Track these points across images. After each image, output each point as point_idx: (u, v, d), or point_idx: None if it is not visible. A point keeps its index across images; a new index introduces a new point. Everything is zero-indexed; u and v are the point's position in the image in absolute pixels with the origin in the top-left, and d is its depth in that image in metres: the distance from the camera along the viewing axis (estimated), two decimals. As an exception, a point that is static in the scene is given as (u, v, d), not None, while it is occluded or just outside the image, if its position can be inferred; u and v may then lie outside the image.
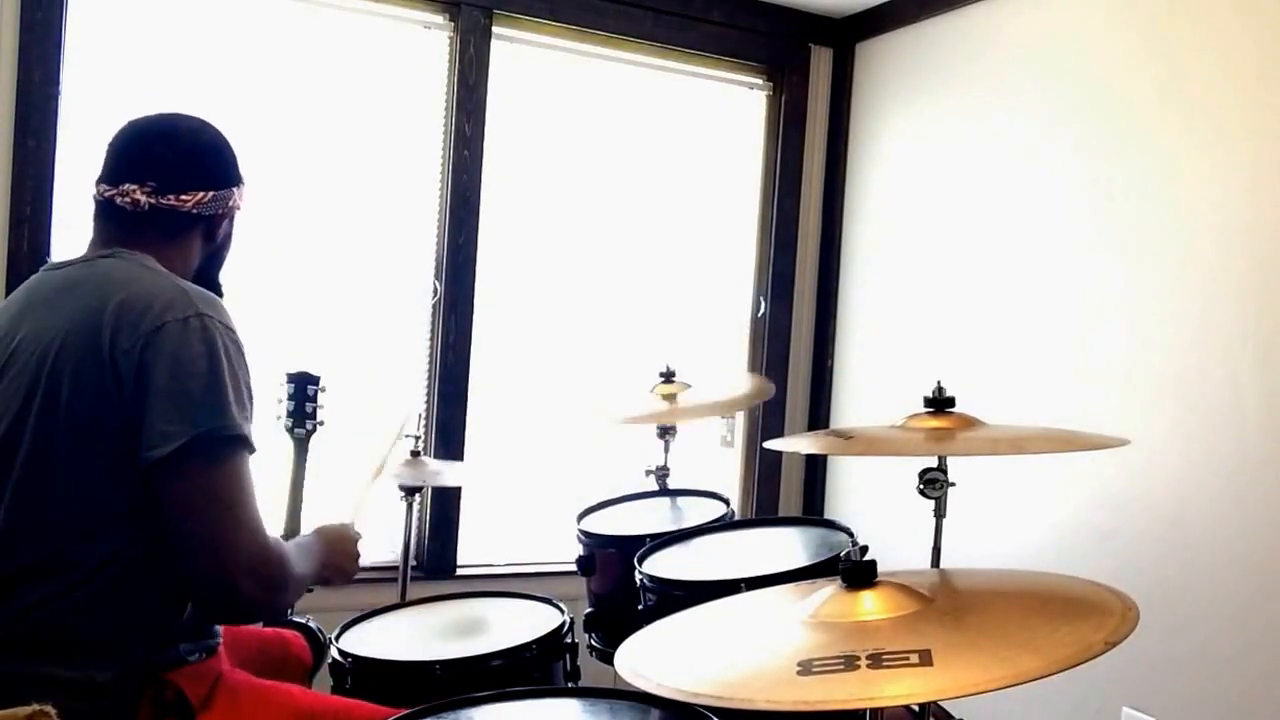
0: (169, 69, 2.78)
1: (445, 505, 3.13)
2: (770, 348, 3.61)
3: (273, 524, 2.01)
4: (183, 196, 1.58)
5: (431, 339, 3.14)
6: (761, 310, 3.62)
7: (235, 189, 1.66)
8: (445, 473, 2.77)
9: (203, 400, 1.39)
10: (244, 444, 1.42)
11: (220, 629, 1.60)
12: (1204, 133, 2.43)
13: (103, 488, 1.40)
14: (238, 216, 1.71)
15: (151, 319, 1.41)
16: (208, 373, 1.41)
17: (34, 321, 1.48)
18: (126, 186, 1.56)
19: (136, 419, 1.38)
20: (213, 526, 1.38)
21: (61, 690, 1.36)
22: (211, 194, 1.61)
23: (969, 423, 1.69)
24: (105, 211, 1.59)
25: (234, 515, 1.39)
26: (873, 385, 3.47)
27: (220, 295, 1.68)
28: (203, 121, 1.67)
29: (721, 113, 3.58)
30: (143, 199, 1.55)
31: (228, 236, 1.71)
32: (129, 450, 1.38)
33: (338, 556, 1.76)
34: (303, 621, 2.05)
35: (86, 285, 1.48)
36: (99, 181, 1.59)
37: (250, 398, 1.48)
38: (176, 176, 1.58)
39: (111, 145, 1.61)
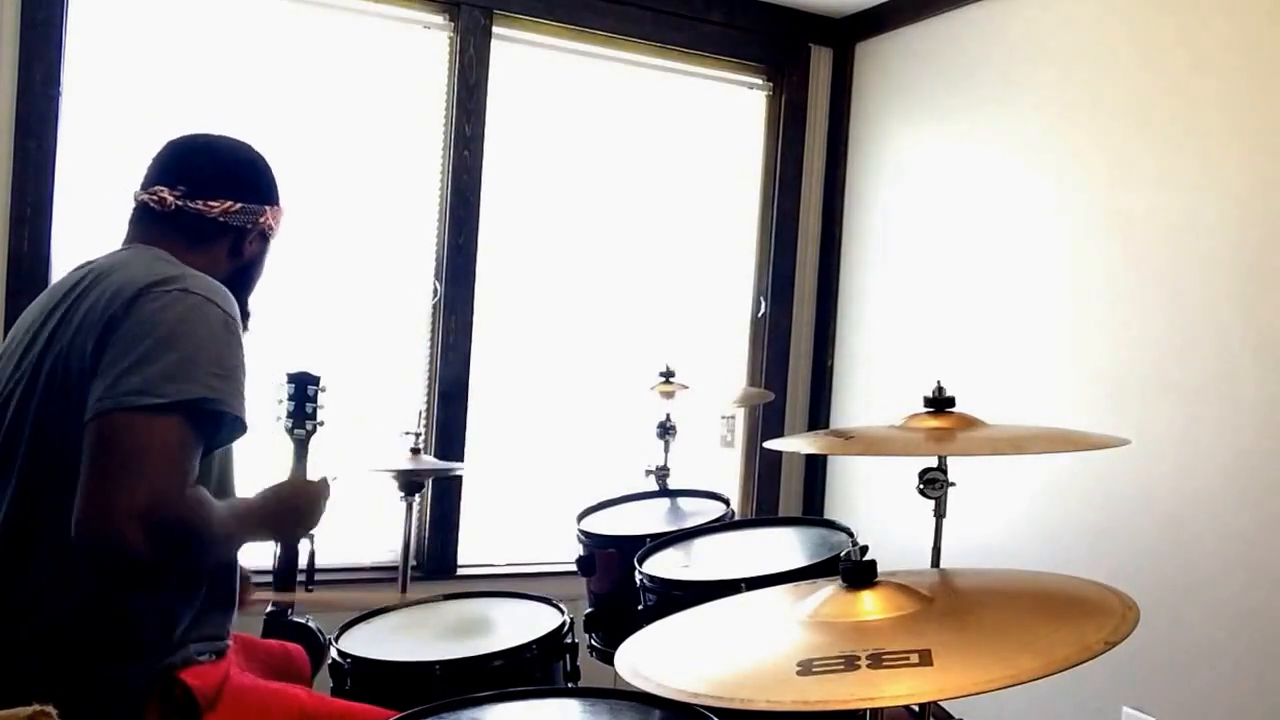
0: (170, 69, 2.78)
1: (445, 505, 3.13)
2: (770, 348, 3.61)
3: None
4: (210, 203, 1.60)
5: (431, 339, 3.14)
6: (761, 310, 3.62)
7: (268, 208, 1.67)
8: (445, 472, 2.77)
9: (143, 360, 1.36)
10: (177, 409, 1.36)
11: (229, 631, 1.60)
12: (1203, 132, 2.43)
13: None
14: (271, 242, 1.72)
15: (138, 287, 1.43)
16: (169, 336, 1.39)
17: (50, 316, 1.50)
18: (157, 188, 1.59)
19: (102, 370, 1.37)
20: (105, 477, 1.32)
21: (73, 687, 1.36)
22: (240, 205, 1.63)
23: (969, 423, 1.69)
24: (136, 215, 1.63)
25: (135, 469, 1.32)
26: (873, 385, 3.47)
27: (248, 321, 1.68)
28: (244, 142, 1.71)
29: (721, 113, 3.58)
30: (170, 199, 1.58)
31: (258, 258, 1.71)
32: None
33: (290, 509, 1.69)
34: (303, 622, 2.05)
35: (99, 276, 1.50)
36: (136, 190, 1.63)
37: (226, 374, 1.42)
38: (207, 183, 1.60)
39: (154, 157, 1.65)
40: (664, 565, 2.11)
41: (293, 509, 1.70)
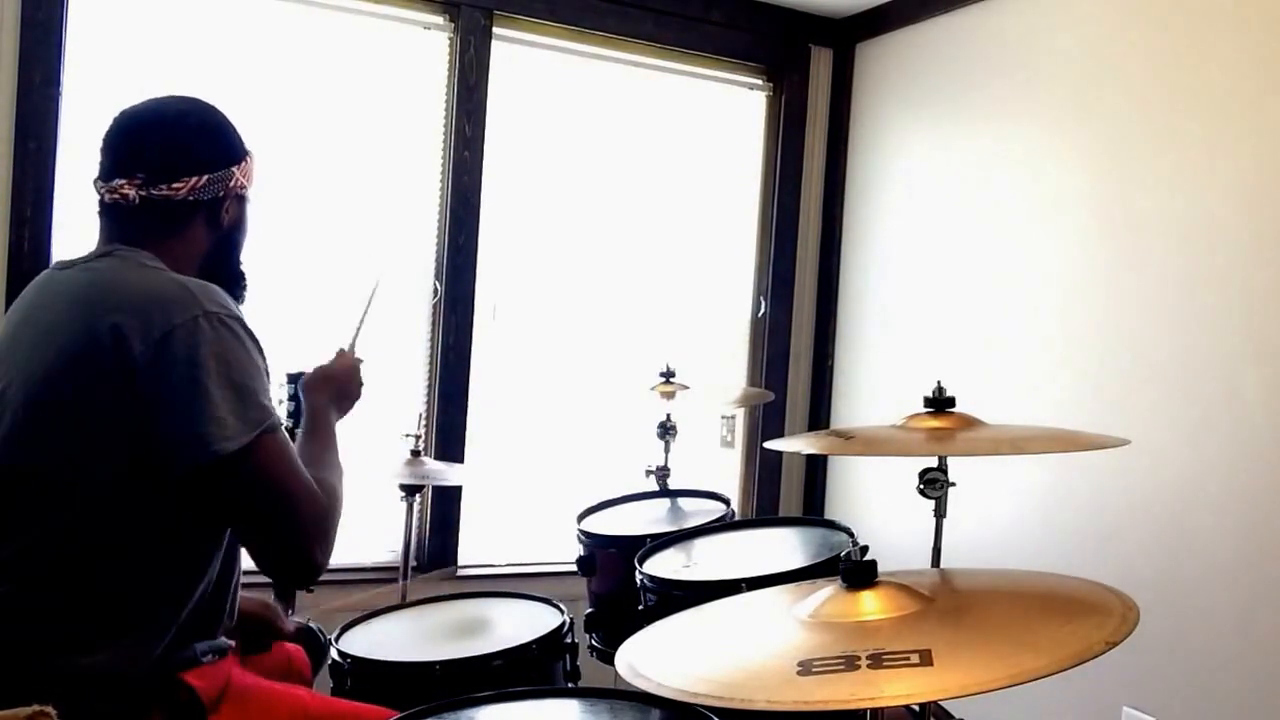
0: (169, 70, 2.78)
1: (445, 505, 3.13)
2: (770, 348, 3.61)
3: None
4: (174, 185, 1.52)
5: (432, 339, 3.14)
6: (761, 310, 3.62)
7: (235, 167, 1.58)
8: (445, 473, 2.77)
9: (226, 399, 1.38)
10: (275, 427, 1.43)
11: (229, 629, 1.61)
12: (1205, 133, 2.43)
13: (114, 487, 1.39)
14: (248, 196, 1.64)
15: (160, 324, 1.38)
16: (223, 371, 1.39)
17: (35, 327, 1.48)
18: (117, 183, 1.52)
19: (156, 424, 1.36)
20: (279, 514, 1.42)
21: (73, 687, 1.36)
22: (206, 178, 1.54)
23: (969, 423, 1.69)
24: (105, 210, 1.56)
25: (291, 493, 1.43)
26: (873, 385, 3.47)
27: (243, 283, 1.66)
28: (193, 101, 1.61)
29: (721, 113, 3.58)
30: (132, 193, 1.50)
31: (239, 219, 1.63)
32: (146, 453, 1.37)
33: (343, 395, 1.81)
34: (303, 622, 2.05)
35: (84, 291, 1.46)
36: (96, 180, 1.56)
37: (268, 375, 1.49)
38: (164, 165, 1.52)
39: (103, 140, 1.57)
40: (664, 565, 2.12)
41: (343, 390, 1.81)
